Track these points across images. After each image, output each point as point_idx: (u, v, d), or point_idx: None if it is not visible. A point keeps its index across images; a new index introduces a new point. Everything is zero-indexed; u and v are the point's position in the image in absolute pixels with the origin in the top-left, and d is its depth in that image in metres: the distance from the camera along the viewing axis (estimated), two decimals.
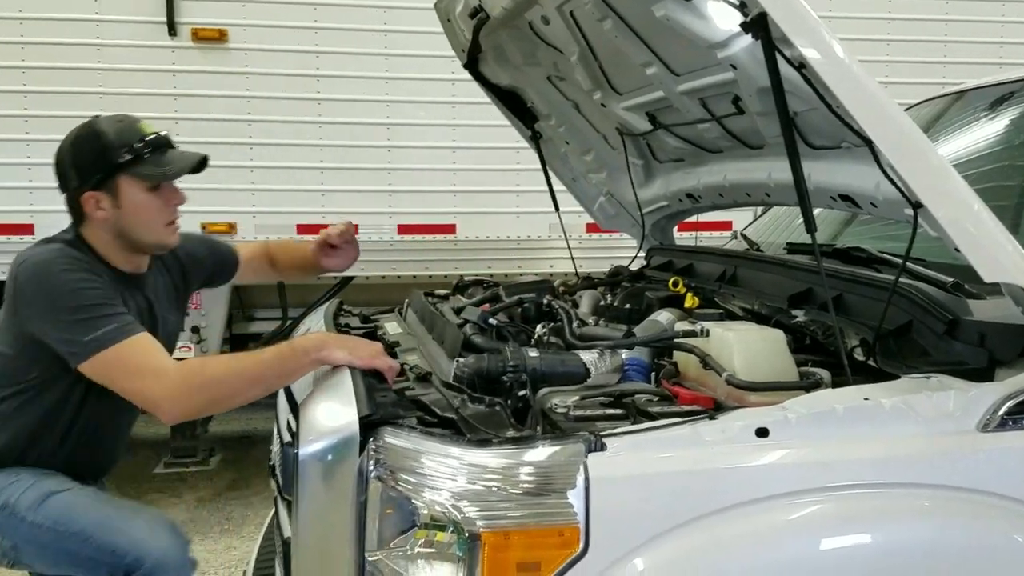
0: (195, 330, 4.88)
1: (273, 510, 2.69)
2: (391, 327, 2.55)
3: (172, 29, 4.45)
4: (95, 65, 4.42)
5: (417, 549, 1.50)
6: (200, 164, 2.06)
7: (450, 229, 4.84)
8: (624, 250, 4.75)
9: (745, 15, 1.59)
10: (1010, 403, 1.52)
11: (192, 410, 1.97)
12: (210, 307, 4.88)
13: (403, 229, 4.79)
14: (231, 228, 4.68)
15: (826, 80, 1.48)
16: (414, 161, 4.78)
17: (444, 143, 4.80)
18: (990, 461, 1.50)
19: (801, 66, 1.59)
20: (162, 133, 2.08)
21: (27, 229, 4.48)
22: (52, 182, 2.09)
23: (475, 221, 4.84)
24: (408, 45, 4.69)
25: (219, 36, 4.50)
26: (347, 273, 4.89)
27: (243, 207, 4.68)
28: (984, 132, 2.84)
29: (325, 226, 4.67)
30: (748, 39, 1.78)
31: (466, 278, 2.92)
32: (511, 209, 4.88)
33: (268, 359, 1.85)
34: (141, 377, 1.88)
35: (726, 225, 4.95)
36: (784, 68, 1.62)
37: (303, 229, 4.69)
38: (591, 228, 4.77)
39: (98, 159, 1.98)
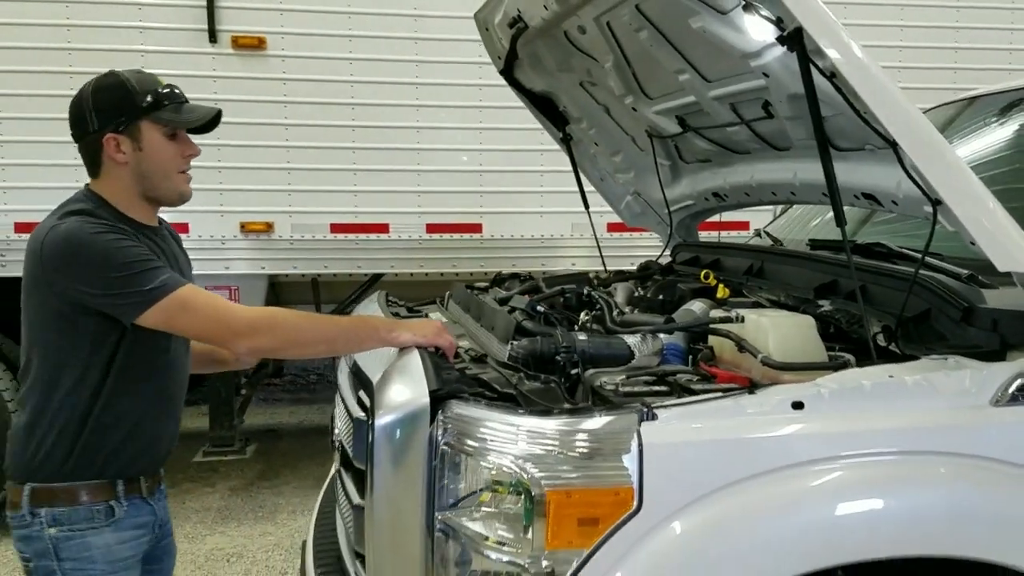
0: None
1: (323, 488, 2.87)
2: (435, 316, 2.73)
3: (213, 36, 4.61)
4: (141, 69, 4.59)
5: (484, 509, 1.67)
6: (215, 118, 2.13)
7: (476, 228, 5.00)
8: (642, 249, 4.92)
9: (782, 29, 1.75)
10: (1020, 380, 1.68)
11: (263, 345, 1.96)
12: (248, 303, 5.05)
13: (431, 228, 4.95)
14: (268, 227, 4.84)
15: (856, 88, 1.63)
16: (442, 163, 4.93)
17: (471, 145, 4.95)
18: (1002, 432, 1.66)
19: (832, 75, 1.75)
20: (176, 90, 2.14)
21: None
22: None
23: (500, 220, 4.99)
24: (437, 52, 4.85)
25: (258, 43, 4.67)
26: (377, 270, 5.10)
27: (280, 207, 4.85)
28: (994, 136, 3.00)
29: (357, 226, 4.91)
30: (780, 50, 1.94)
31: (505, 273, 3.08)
32: (535, 209, 5.03)
33: (344, 324, 2.00)
34: (214, 310, 1.92)
35: (744, 225, 5.10)
36: (816, 77, 1.78)
37: (336, 228, 4.86)
38: (612, 227, 4.93)
39: (121, 102, 2.01)
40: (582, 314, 2.22)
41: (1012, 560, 1.64)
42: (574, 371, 1.84)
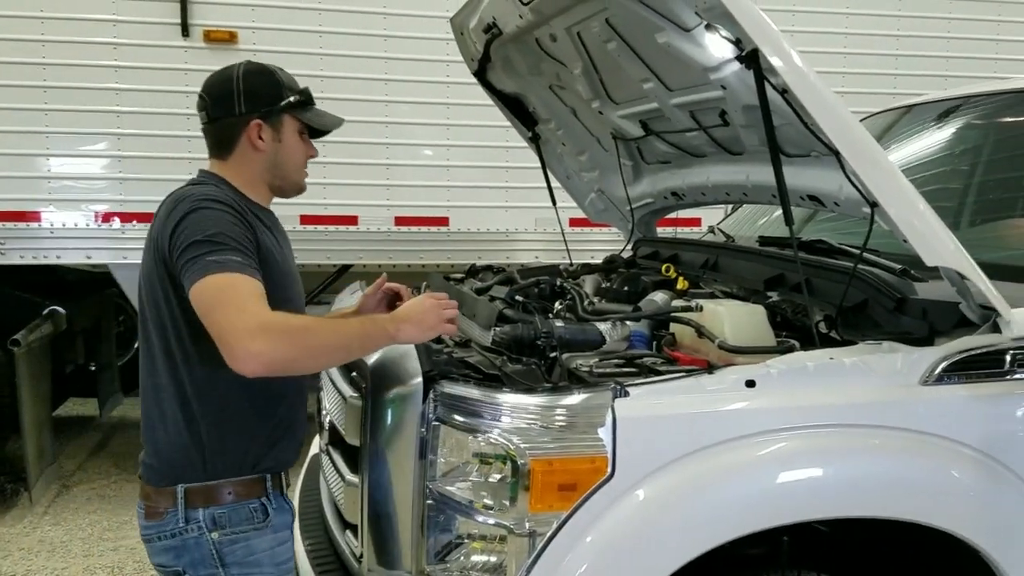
0: None
1: (304, 467, 3.01)
2: None
3: (185, 30, 4.68)
4: (112, 63, 4.64)
5: (472, 478, 1.85)
6: (338, 126, 2.14)
7: (443, 221, 5.15)
8: (601, 243, 5.11)
9: (740, 49, 1.96)
10: (945, 363, 1.92)
11: (274, 357, 1.69)
12: None
13: (400, 221, 5.09)
14: None
15: (805, 103, 1.84)
16: (411, 158, 5.08)
17: (439, 141, 5.10)
18: (929, 408, 1.90)
19: (784, 91, 1.96)
20: None
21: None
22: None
23: (467, 214, 5.15)
24: (406, 49, 4.99)
25: (230, 38, 4.75)
26: (346, 261, 5.22)
27: None
28: (928, 142, 3.25)
29: (327, 217, 5.01)
30: (738, 66, 2.15)
31: (476, 265, 3.26)
32: (500, 203, 5.18)
33: (356, 329, 1.85)
34: (231, 308, 1.70)
35: (696, 221, 5.33)
36: (769, 92, 1.99)
37: (306, 219, 4.97)
38: (574, 222, 5.12)
39: (272, 92, 2.01)
40: (556, 303, 2.41)
41: (935, 520, 1.87)
42: (552, 355, 2.03)
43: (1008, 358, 1.92)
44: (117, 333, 6.31)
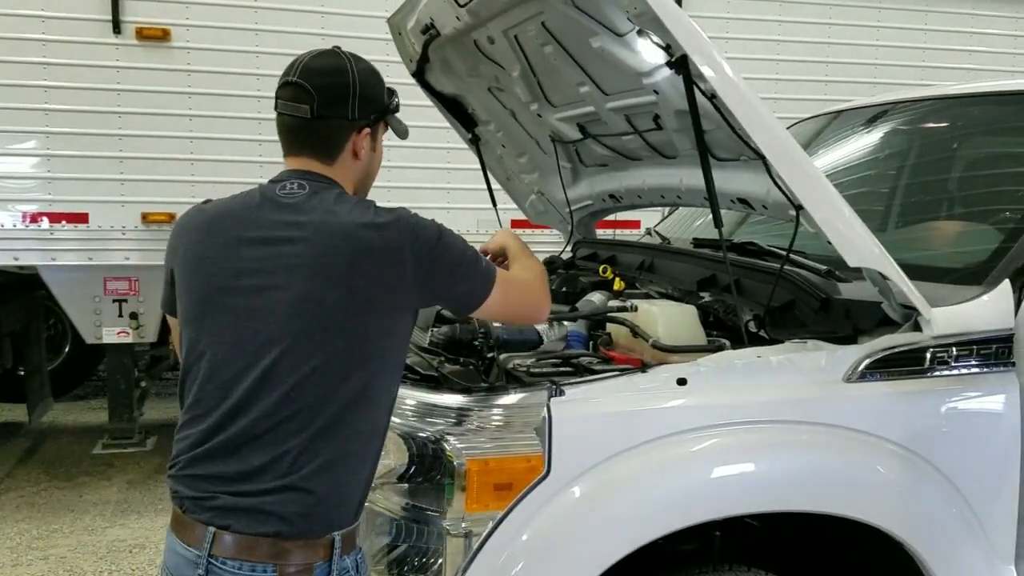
0: (133, 316, 5.04)
1: None
2: None
3: (117, 27, 4.59)
4: (40, 59, 4.53)
5: (408, 480, 1.86)
6: None
7: None
8: (541, 245, 5.14)
9: (670, 55, 2.00)
10: (867, 361, 1.98)
11: (550, 299, 1.96)
12: (149, 294, 5.04)
13: None
14: (171, 218, 4.84)
15: (732, 109, 1.88)
16: None
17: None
18: (852, 404, 1.96)
19: (712, 96, 2.00)
20: None
21: None
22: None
23: None
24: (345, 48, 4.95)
25: (163, 35, 4.67)
26: None
27: (183, 198, 4.84)
28: (855, 146, 3.35)
29: None
30: (669, 71, 2.20)
31: None
32: (442, 205, 5.18)
33: (531, 253, 2.03)
34: (526, 285, 1.89)
35: (635, 224, 5.41)
36: (699, 97, 2.04)
37: None
38: (515, 224, 5.14)
39: (380, 97, 1.82)
40: None
41: (860, 514, 1.94)
42: (489, 355, 2.04)
43: (928, 356, 1.99)
44: (47, 337, 6.14)
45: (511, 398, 1.81)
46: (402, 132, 1.94)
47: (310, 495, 1.60)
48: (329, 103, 1.74)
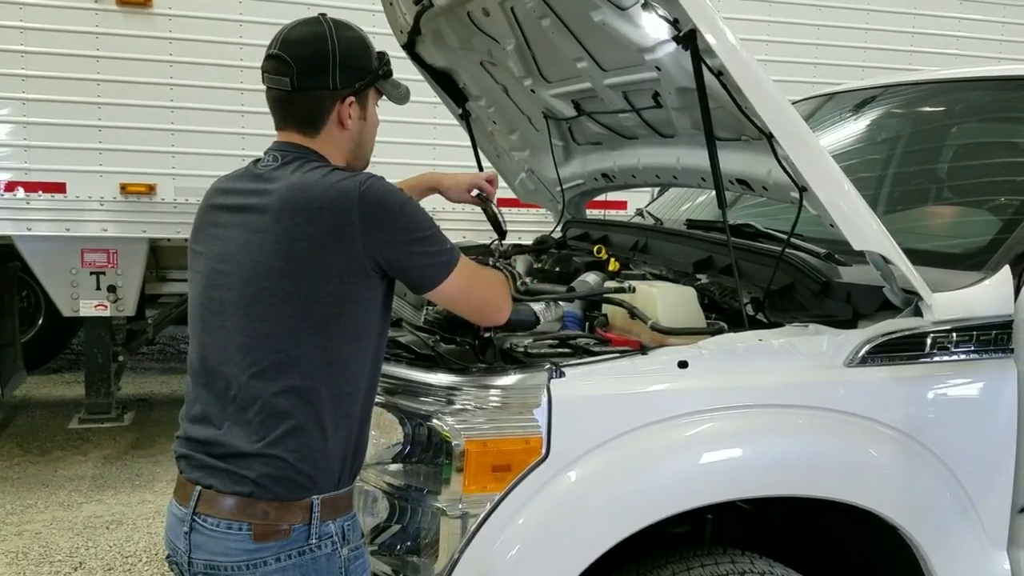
0: (111, 288, 4.94)
1: None
2: None
3: None
4: (18, 24, 4.40)
5: (405, 459, 1.82)
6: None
7: None
8: (526, 224, 5.10)
9: (677, 30, 1.95)
10: (868, 345, 1.97)
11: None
12: (127, 267, 4.95)
13: None
14: (151, 189, 4.75)
15: (741, 86, 1.85)
16: None
17: None
18: (852, 389, 1.95)
19: (720, 74, 1.96)
20: None
21: None
22: None
23: None
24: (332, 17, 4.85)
25: (143, 1, 4.55)
26: None
27: (163, 169, 4.76)
28: (849, 130, 3.33)
29: None
30: (673, 47, 2.15)
31: None
32: None
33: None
34: (492, 283, 1.89)
35: (622, 204, 5.38)
36: (705, 74, 2.00)
37: None
38: (503, 203, 5.09)
39: (365, 63, 1.78)
40: None
41: (856, 499, 1.93)
42: (486, 335, 2.00)
43: (929, 341, 1.98)
44: (20, 309, 6.02)
45: (510, 379, 1.77)
46: (399, 97, 1.90)
47: (280, 460, 1.62)
48: (308, 73, 1.73)
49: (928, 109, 3.10)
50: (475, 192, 2.68)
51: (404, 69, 3.57)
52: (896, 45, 5.86)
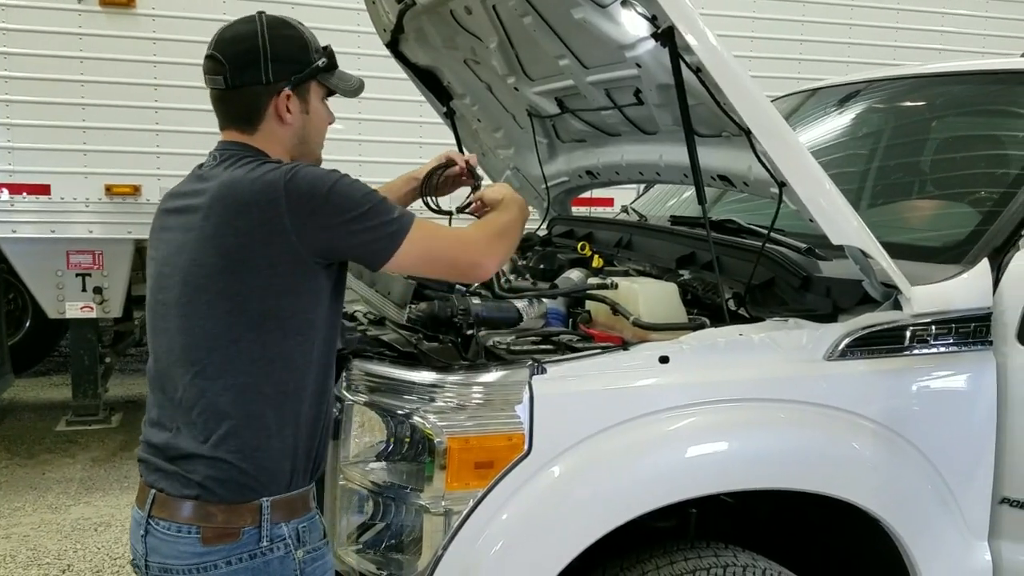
0: (97, 290, 4.93)
1: None
2: None
3: None
4: (0, 25, 4.38)
5: (387, 457, 1.83)
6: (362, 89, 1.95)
7: None
8: None
9: (656, 27, 1.96)
10: (847, 339, 1.98)
11: (503, 259, 1.88)
12: (113, 268, 4.93)
13: None
14: (136, 190, 4.74)
15: (719, 83, 1.85)
16: None
17: (349, 114, 4.99)
18: (832, 383, 1.95)
19: (698, 70, 1.97)
20: None
21: None
22: None
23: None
24: (316, 18, 4.82)
25: (127, 1, 4.54)
26: None
27: (148, 169, 4.75)
28: (834, 125, 3.35)
29: None
30: (653, 44, 2.16)
31: None
32: None
33: (518, 214, 1.94)
34: (457, 241, 1.79)
35: (608, 201, 5.39)
36: (683, 71, 2.00)
37: None
38: None
39: (301, 56, 1.76)
40: None
41: (838, 491, 1.94)
42: (469, 332, 2.01)
43: (908, 334, 1.99)
44: (7, 311, 6.00)
45: (492, 375, 1.78)
46: (348, 90, 1.89)
47: (222, 462, 1.62)
48: (240, 70, 1.73)
49: (910, 104, 3.11)
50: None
51: (389, 68, 3.61)
52: (880, 41, 5.88)
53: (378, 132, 5.06)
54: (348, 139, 5.05)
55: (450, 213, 2.24)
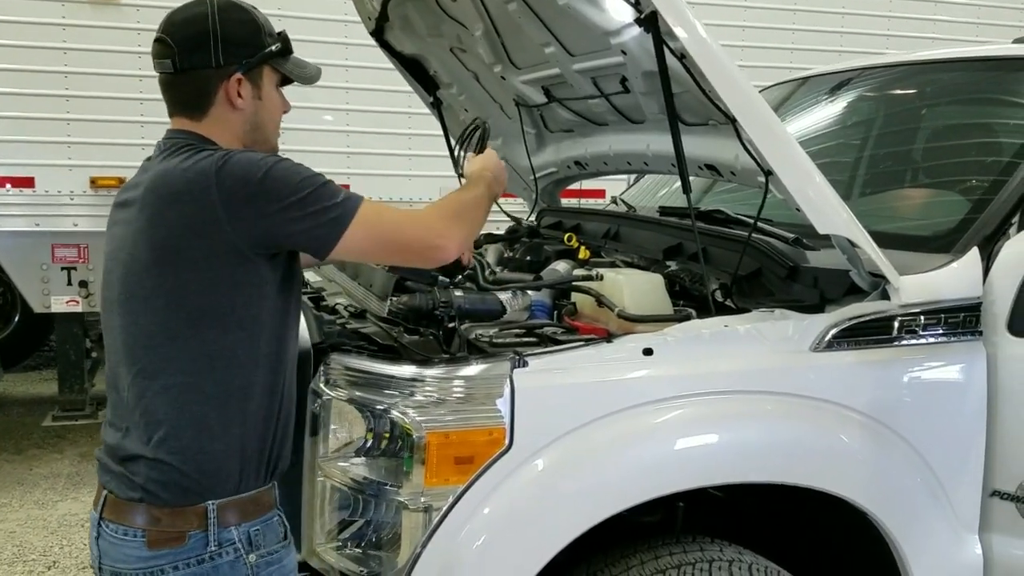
0: (83, 284, 4.89)
1: None
2: (310, 276, 2.79)
3: None
4: None
5: (366, 452, 1.79)
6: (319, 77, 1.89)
7: (345, 188, 5.00)
8: (496, 214, 5.07)
9: (639, 12, 1.92)
10: (834, 330, 1.94)
11: (465, 239, 1.77)
12: (99, 262, 4.87)
13: None
14: (121, 182, 4.65)
15: (703, 69, 1.82)
16: (308, 122, 4.90)
17: (338, 105, 4.95)
18: (819, 374, 1.92)
19: (682, 56, 1.93)
20: None
21: None
22: None
23: (368, 182, 5.01)
24: (302, 7, 4.80)
25: None
26: None
27: (133, 161, 4.64)
28: (824, 113, 3.31)
29: None
30: (638, 30, 2.12)
31: None
32: (403, 172, 5.09)
33: (484, 191, 1.87)
34: (409, 221, 1.69)
35: (600, 193, 5.35)
36: (668, 57, 1.97)
37: None
38: None
39: (253, 39, 1.70)
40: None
41: (825, 485, 1.91)
42: (451, 325, 1.97)
43: (896, 324, 1.96)
44: None
45: (472, 369, 1.74)
46: (304, 77, 1.82)
47: (163, 464, 1.58)
48: (189, 52, 1.67)
49: (901, 91, 3.08)
50: None
51: (377, 58, 3.57)
52: (872, 29, 5.84)
53: (367, 123, 5.02)
54: (336, 130, 5.00)
55: None
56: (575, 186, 4.16)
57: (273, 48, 1.73)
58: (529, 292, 2.21)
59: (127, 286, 1.62)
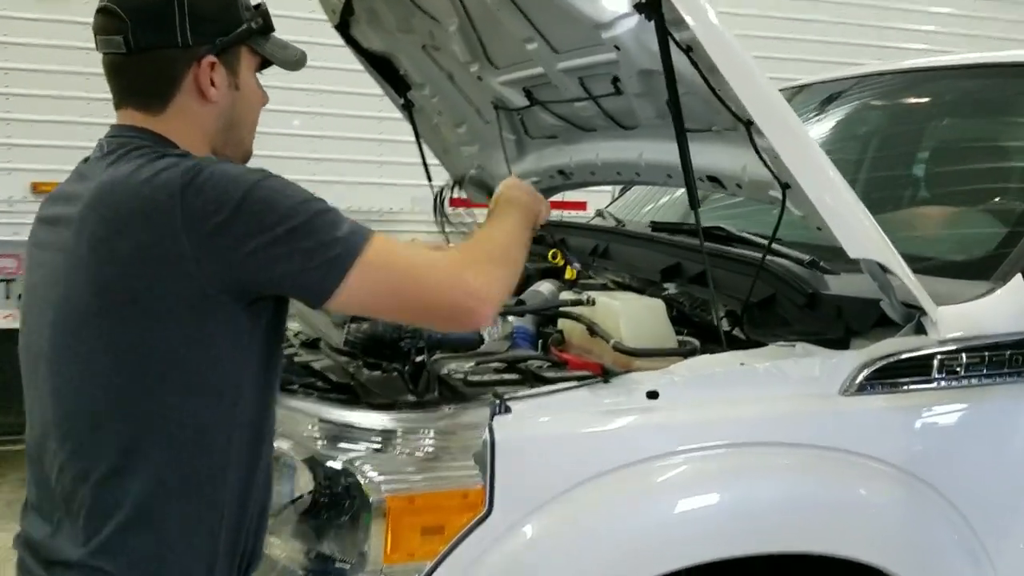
0: (21, 298, 4.57)
1: None
2: None
3: None
4: None
5: (312, 517, 1.50)
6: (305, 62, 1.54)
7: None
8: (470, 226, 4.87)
9: None
10: (867, 371, 1.69)
11: (502, 293, 1.38)
12: None
13: None
14: None
15: (716, 62, 1.57)
16: (275, 126, 4.64)
17: (305, 108, 4.73)
18: (849, 422, 1.67)
19: (689, 49, 1.68)
20: None
21: None
22: None
23: (336, 190, 4.77)
24: (269, 7, 4.55)
25: None
26: None
27: None
28: (821, 124, 3.10)
29: None
30: (633, 22, 1.88)
31: None
32: (373, 180, 4.89)
33: (519, 219, 1.54)
34: (432, 271, 1.31)
35: (581, 205, 5.14)
36: (672, 51, 1.71)
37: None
38: (455, 203, 4.82)
39: (227, 15, 1.37)
40: None
41: (852, 552, 1.65)
42: (419, 358, 1.69)
43: (935, 363, 1.71)
44: None
45: (445, 417, 1.47)
46: (288, 61, 1.47)
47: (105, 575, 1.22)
48: (146, 26, 1.31)
49: (913, 100, 2.87)
50: None
51: (337, 57, 3.31)
52: (864, 40, 5.78)
53: (332, 127, 4.79)
54: (303, 135, 4.77)
55: None
56: (556, 198, 3.95)
57: (253, 24, 1.39)
58: (510, 318, 1.95)
59: (60, 337, 1.26)
